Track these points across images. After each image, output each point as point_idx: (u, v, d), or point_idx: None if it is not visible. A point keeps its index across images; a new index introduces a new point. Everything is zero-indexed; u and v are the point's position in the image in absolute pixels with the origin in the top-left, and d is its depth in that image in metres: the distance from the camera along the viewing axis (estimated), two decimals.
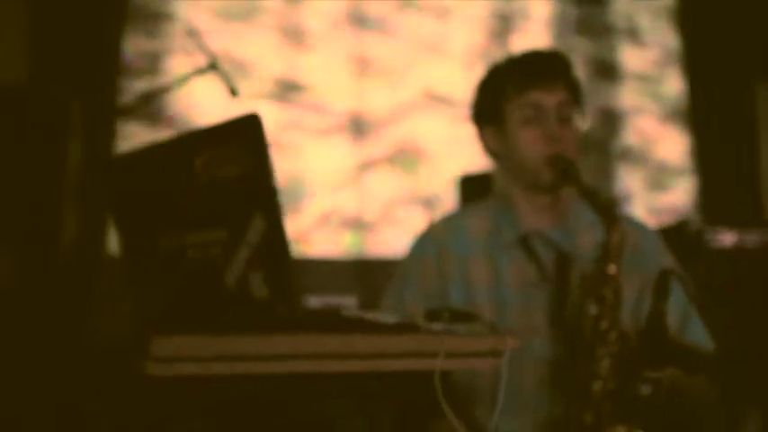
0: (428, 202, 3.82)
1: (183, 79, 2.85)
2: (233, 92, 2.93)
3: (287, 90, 3.72)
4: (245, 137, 1.14)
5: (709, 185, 4.27)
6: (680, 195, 4.32)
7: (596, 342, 1.41)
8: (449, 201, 3.69)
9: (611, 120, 4.24)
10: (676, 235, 2.59)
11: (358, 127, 3.80)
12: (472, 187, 3.66)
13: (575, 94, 1.66)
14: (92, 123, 3.12)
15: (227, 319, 1.09)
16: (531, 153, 1.62)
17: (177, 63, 3.47)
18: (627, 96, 4.31)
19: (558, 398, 1.56)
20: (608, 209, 1.49)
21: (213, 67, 2.94)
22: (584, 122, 1.67)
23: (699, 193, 4.27)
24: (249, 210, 1.16)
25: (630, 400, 1.33)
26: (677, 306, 1.54)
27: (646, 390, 1.31)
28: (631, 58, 4.35)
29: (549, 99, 1.62)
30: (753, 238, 3.49)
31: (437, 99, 3.94)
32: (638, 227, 1.72)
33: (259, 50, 3.69)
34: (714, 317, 1.68)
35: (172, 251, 1.27)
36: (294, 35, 3.77)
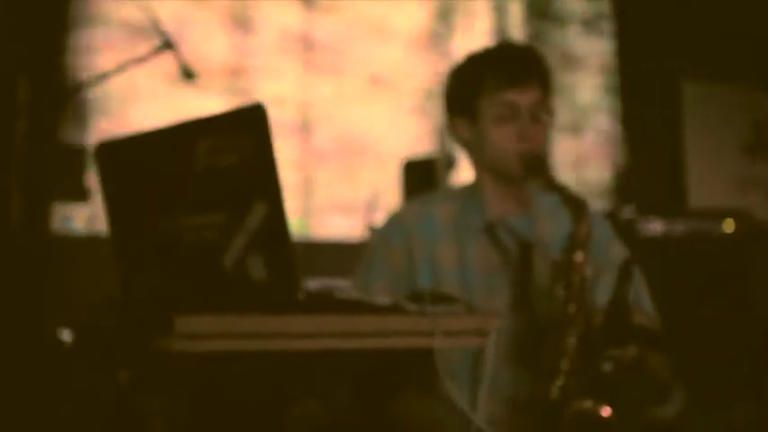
0: (372, 190, 3.89)
1: (139, 60, 2.82)
2: (188, 74, 2.91)
3: (231, 76, 3.71)
4: (249, 126, 1.19)
5: (638, 177, 4.48)
6: None
7: (564, 323, 1.52)
8: (392, 187, 3.77)
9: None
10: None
11: (304, 116, 3.83)
12: (416, 172, 3.76)
13: (547, 92, 1.74)
14: (40, 101, 3.08)
15: (237, 300, 1.14)
16: (503, 149, 1.70)
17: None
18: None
19: (522, 376, 1.66)
20: (576, 201, 1.59)
21: (168, 46, 2.91)
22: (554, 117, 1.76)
23: (628, 185, 4.47)
24: (250, 196, 1.21)
25: (594, 377, 1.45)
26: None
27: (608, 367, 1.43)
28: (585, 45, 4.47)
29: (524, 99, 1.70)
30: (679, 228, 3.70)
31: (381, 85, 4.01)
32: (592, 217, 1.84)
33: (202, 31, 3.68)
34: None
35: (168, 234, 1.32)
36: (240, 18, 3.76)
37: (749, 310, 3.58)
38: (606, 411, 1.41)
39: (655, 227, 3.64)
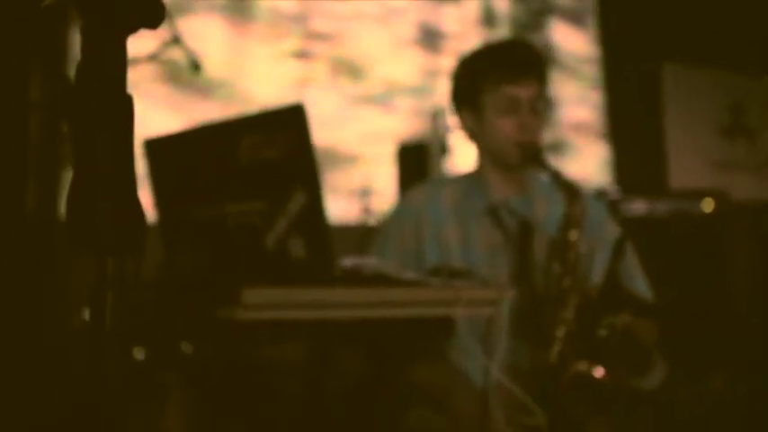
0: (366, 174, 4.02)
1: (154, 56, 2.93)
2: (195, 67, 3.04)
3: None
4: (290, 124, 1.35)
5: (621, 158, 4.65)
6: None
7: (560, 296, 1.70)
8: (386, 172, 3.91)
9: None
10: None
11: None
12: (410, 156, 3.92)
13: (544, 86, 1.92)
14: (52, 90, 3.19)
15: (283, 276, 1.30)
16: (504, 139, 1.88)
17: None
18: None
19: (522, 346, 1.83)
20: (570, 186, 1.77)
21: (176, 41, 3.04)
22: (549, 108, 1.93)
23: (611, 166, 4.64)
24: (290, 185, 1.37)
25: (590, 342, 1.62)
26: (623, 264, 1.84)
27: (603, 332, 1.61)
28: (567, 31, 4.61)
29: (523, 93, 1.88)
30: (661, 207, 3.89)
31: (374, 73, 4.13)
32: (587, 198, 2.01)
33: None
34: None
35: (212, 219, 1.47)
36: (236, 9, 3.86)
37: (727, 284, 3.79)
38: (599, 372, 1.59)
39: (638, 207, 3.83)
